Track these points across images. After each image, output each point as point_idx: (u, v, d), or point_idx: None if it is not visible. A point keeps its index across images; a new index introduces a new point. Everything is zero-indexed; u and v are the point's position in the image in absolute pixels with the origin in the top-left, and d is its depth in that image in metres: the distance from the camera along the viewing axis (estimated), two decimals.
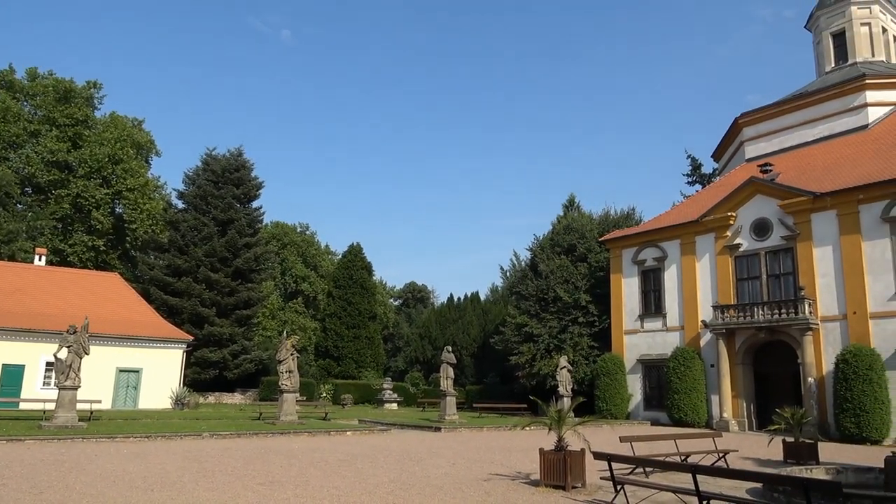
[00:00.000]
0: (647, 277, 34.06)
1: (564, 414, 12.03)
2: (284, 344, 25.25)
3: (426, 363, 51.71)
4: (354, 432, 22.53)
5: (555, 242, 40.28)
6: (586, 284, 37.27)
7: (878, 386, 23.93)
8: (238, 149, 48.66)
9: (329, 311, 52.36)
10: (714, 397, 29.62)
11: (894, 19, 37.95)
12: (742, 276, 30.06)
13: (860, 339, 25.30)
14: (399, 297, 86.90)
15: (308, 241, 69.17)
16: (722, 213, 30.61)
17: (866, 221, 26.07)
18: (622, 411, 32.71)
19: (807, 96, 34.40)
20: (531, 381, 36.69)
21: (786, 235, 28.49)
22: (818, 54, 39.03)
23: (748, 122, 36.60)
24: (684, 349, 30.73)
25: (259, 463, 13.96)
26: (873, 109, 31.84)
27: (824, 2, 38.60)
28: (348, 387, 45.45)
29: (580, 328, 36.54)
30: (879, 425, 23.70)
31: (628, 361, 33.74)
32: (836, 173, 28.94)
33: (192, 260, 43.61)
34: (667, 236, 33.24)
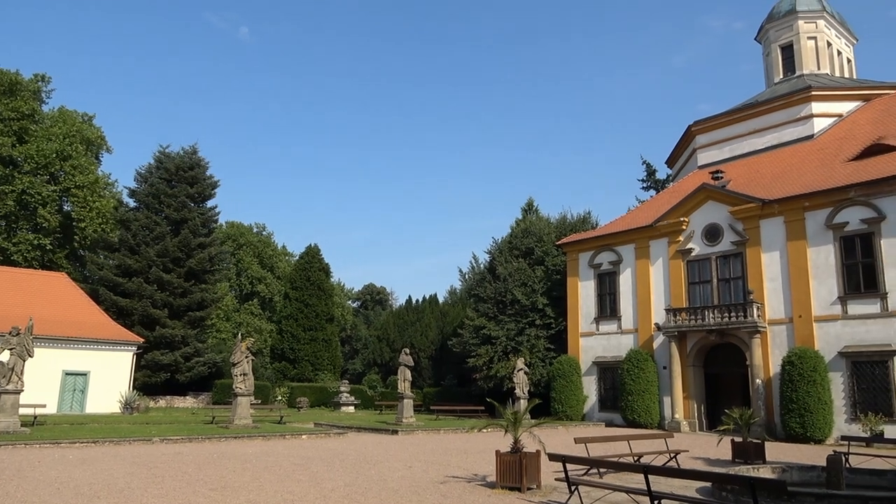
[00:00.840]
0: (602, 281, 34.61)
1: (520, 416, 12.11)
2: (239, 346, 24.80)
3: (384, 366, 51.47)
4: (310, 436, 22.27)
5: (513, 245, 40.61)
6: (543, 287, 37.66)
7: (822, 387, 24.80)
8: (193, 147, 47.69)
9: (285, 313, 51.68)
10: (666, 398, 30.25)
11: (838, 34, 39.46)
12: (694, 280, 30.81)
13: (805, 342, 26.18)
14: (357, 299, 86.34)
15: (265, 242, 68.16)
16: (675, 218, 31.32)
17: (811, 228, 27.02)
18: (578, 413, 33.14)
19: (756, 106, 35.48)
20: (488, 383, 36.87)
21: (736, 241, 29.32)
22: (767, 66, 40.29)
23: (701, 130, 37.55)
24: (638, 351, 31.32)
25: (211, 468, 13.68)
26: (818, 120, 33.02)
27: (773, 15, 39.89)
28: (304, 390, 44.93)
29: (537, 330, 36.90)
30: (822, 425, 24.55)
31: (584, 363, 34.22)
32: (783, 181, 29.91)
33: (144, 260, 42.52)
34: (622, 240, 33.84)
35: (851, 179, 26.33)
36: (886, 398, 24.07)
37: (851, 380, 25.04)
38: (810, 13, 38.36)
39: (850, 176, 26.79)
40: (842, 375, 25.25)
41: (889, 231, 24.86)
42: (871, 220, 25.34)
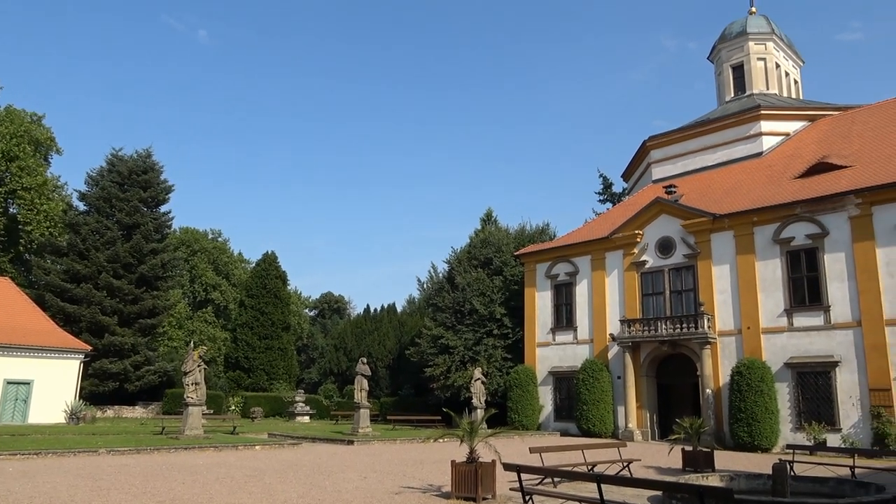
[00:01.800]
0: (559, 291, 35.03)
1: (476, 426, 12.16)
2: (191, 355, 24.27)
3: (341, 375, 50.99)
4: (263, 446, 21.89)
5: (472, 255, 40.80)
6: (501, 297, 37.92)
7: (769, 397, 25.55)
8: (147, 150, 46.66)
9: (241, 321, 50.78)
10: (620, 408, 30.73)
11: (787, 56, 40.99)
12: (647, 292, 31.44)
13: (753, 353, 26.95)
14: (315, 308, 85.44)
15: (220, 249, 66.95)
16: (630, 231, 31.96)
17: (760, 242, 27.90)
18: (533, 422, 33.38)
19: (708, 124, 36.53)
20: (446, 393, 36.87)
21: (688, 254, 30.06)
22: (719, 84, 41.56)
23: (655, 146, 38.45)
24: (593, 361, 31.76)
25: (159, 480, 13.33)
26: (767, 138, 34.17)
27: (725, 36, 41.21)
28: (259, 399, 44.18)
29: (495, 340, 37.10)
30: (769, 434, 25.27)
31: (540, 373, 34.53)
32: (733, 197, 30.83)
33: (93, 265, 41.30)
34: (579, 252, 34.35)
35: (797, 196, 27.31)
36: (829, 408, 24.94)
37: (796, 390, 25.87)
38: (760, 35, 39.76)
39: (797, 193, 27.78)
40: (787, 386, 26.07)
41: (832, 246, 25.85)
42: (815, 235, 26.31)
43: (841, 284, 25.41)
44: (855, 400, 24.37)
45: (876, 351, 24.01)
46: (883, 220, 24.70)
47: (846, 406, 24.56)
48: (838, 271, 25.54)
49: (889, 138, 29.03)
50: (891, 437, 22.83)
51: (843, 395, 24.66)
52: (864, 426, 23.92)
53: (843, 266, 25.47)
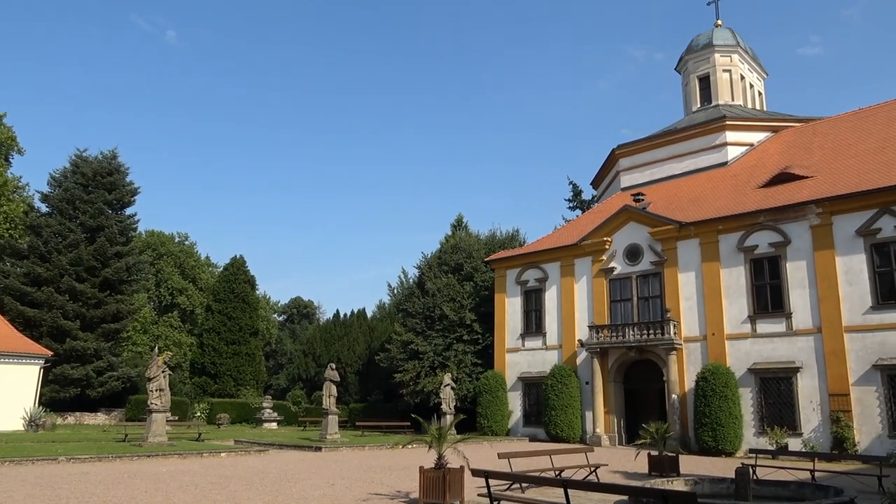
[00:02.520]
0: (529, 297, 35.25)
1: (445, 431, 12.16)
2: (155, 360, 23.81)
3: (309, 381, 50.49)
4: (229, 453, 21.57)
5: (442, 261, 40.84)
6: (472, 303, 38.01)
7: (733, 402, 26.02)
8: (112, 151, 45.72)
9: (207, 326, 49.99)
10: (588, 413, 30.99)
11: (751, 69, 41.95)
12: (616, 298, 31.82)
13: (718, 359, 27.44)
14: (283, 313, 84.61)
15: (187, 252, 65.91)
16: (598, 238, 32.33)
17: (724, 250, 28.46)
18: (503, 428, 33.47)
19: (675, 133, 37.18)
20: (415, 399, 36.79)
21: (655, 261, 30.51)
22: (686, 95, 42.34)
23: (624, 154, 38.98)
24: (562, 367, 32.00)
25: (121, 488, 13.05)
26: (732, 148, 34.88)
27: (692, 47, 42.02)
28: (225, 405, 43.52)
29: (465, 346, 37.16)
30: (733, 438, 25.72)
31: (510, 379, 34.67)
32: (699, 205, 31.40)
33: (55, 268, 40.31)
34: (548, 258, 34.62)
35: (761, 205, 27.93)
36: (791, 413, 25.49)
37: (759, 395, 26.40)
38: (726, 47, 40.64)
39: (760, 202, 28.41)
40: (751, 391, 26.58)
41: (794, 255, 26.48)
42: (777, 244, 26.93)
43: (802, 292, 26.04)
44: (815, 405, 24.96)
45: (835, 357, 24.64)
46: (842, 229, 25.39)
47: (807, 411, 25.13)
48: (800, 279, 26.17)
49: (848, 150, 29.88)
50: (849, 441, 23.43)
51: (804, 400, 25.23)
52: (824, 430, 24.50)
53: (804, 274, 26.11)
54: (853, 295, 24.78)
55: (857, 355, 24.27)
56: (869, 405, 23.74)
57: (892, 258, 24.29)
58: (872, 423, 23.56)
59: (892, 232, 24.27)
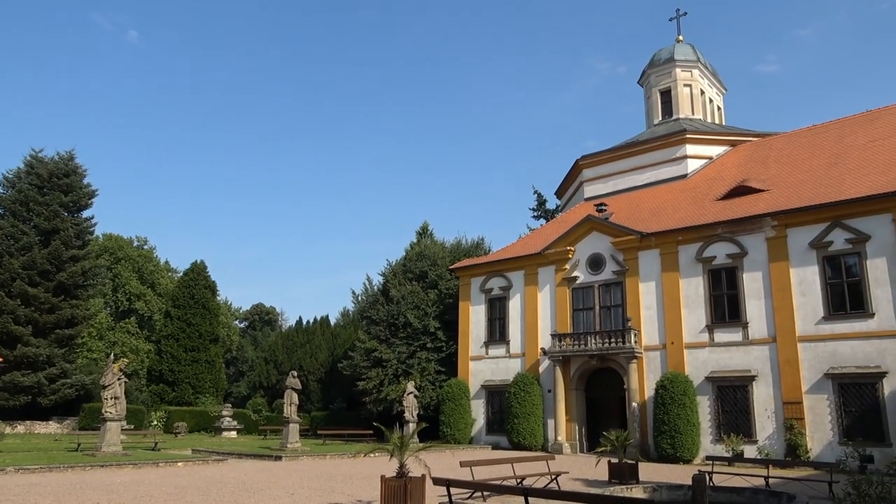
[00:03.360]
0: (493, 305, 35.41)
1: (407, 440, 12.12)
2: (111, 367, 23.21)
3: (271, 388, 49.77)
4: (187, 463, 21.11)
5: (407, 268, 40.76)
6: (436, 311, 38.00)
7: (691, 410, 26.51)
8: (69, 152, 44.54)
9: (166, 333, 48.91)
10: (550, 421, 31.21)
11: (711, 84, 43.03)
12: (578, 307, 32.18)
13: (676, 367, 27.95)
14: (245, 319, 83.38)
15: (146, 257, 64.43)
16: (562, 247, 32.69)
17: (683, 261, 29.04)
18: (465, 436, 33.49)
19: (637, 145, 37.87)
20: (378, 407, 36.57)
21: (617, 270, 30.97)
22: (648, 108, 43.19)
23: (587, 165, 39.54)
24: (525, 375, 32.19)
25: (72, 500, 12.66)
26: (692, 161, 35.68)
27: (654, 62, 42.92)
28: (183, 414, 42.60)
29: (428, 354, 37.10)
30: (691, 446, 26.19)
31: (473, 387, 34.73)
32: (660, 216, 32.01)
33: (6, 272, 39.01)
34: (512, 267, 34.85)
35: (719, 217, 28.61)
36: (746, 420, 26.08)
37: (717, 403, 26.96)
38: (687, 62, 41.61)
39: (718, 214, 29.10)
40: (708, 399, 27.12)
41: (750, 266, 27.17)
42: (734, 255, 27.60)
43: (758, 302, 26.71)
44: (770, 412, 25.58)
45: (789, 366, 25.31)
46: (796, 241, 26.16)
47: (762, 418, 25.74)
48: (756, 290, 26.85)
49: (802, 165, 30.82)
50: (802, 447, 24.07)
51: (760, 407, 25.85)
52: (779, 438, 25.12)
53: (759, 285, 26.80)
54: (806, 305, 25.52)
55: (809, 364, 24.98)
56: (821, 413, 24.43)
57: (843, 270, 25.12)
58: (824, 431, 24.25)
59: (843, 245, 25.10)
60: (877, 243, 24.39)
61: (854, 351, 24.15)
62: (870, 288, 24.29)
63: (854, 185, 26.45)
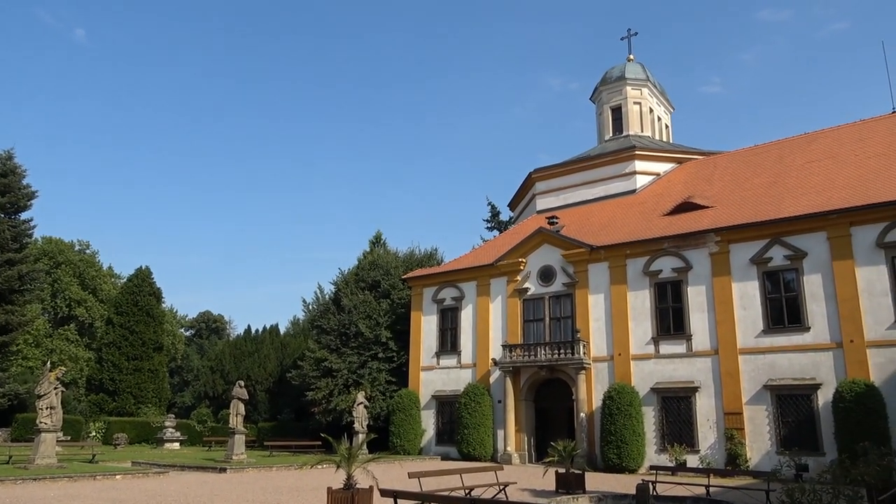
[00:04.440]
0: (445, 316, 35.47)
1: (355, 451, 12.03)
2: (47, 376, 22.31)
3: (216, 399, 48.62)
4: (125, 475, 20.43)
5: (359, 278, 40.50)
6: (388, 320, 37.83)
7: (636, 420, 27.04)
8: (8, 152, 42.80)
9: (107, 340, 47.33)
10: (500, 432, 31.37)
11: (659, 102, 44.28)
12: (529, 318, 32.52)
13: (623, 378, 28.49)
14: (191, 327, 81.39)
15: (87, 262, 62.29)
16: (514, 258, 33.03)
17: (631, 274, 29.70)
18: (415, 447, 33.35)
19: (589, 160, 38.63)
20: (327, 417, 36.13)
21: (567, 282, 31.45)
22: (599, 124, 44.14)
23: (540, 178, 40.11)
24: (475, 385, 32.30)
25: None
26: (640, 177, 36.58)
27: (606, 79, 43.93)
28: (123, 425, 41.23)
29: (379, 363, 36.88)
30: (636, 456, 26.68)
31: (424, 397, 34.66)
32: (609, 230, 32.68)
33: None
34: (465, 277, 35.01)
35: (665, 232, 29.38)
36: (689, 430, 26.74)
37: (661, 413, 27.57)
38: (637, 81, 42.73)
39: (665, 229, 29.88)
40: (653, 409, 27.72)
41: (694, 280, 27.98)
42: (680, 269, 28.38)
43: (702, 315, 27.50)
44: (712, 423, 26.30)
45: (730, 377, 26.10)
46: (738, 257, 27.08)
47: (704, 429, 26.44)
48: (699, 303, 27.64)
49: (745, 183, 31.95)
50: (741, 457, 24.81)
51: (702, 418, 26.55)
52: (720, 447, 25.84)
53: (703, 298, 27.60)
54: (747, 319, 26.40)
55: (749, 376, 25.81)
56: (759, 423, 25.25)
57: (782, 285, 26.11)
58: (762, 440, 25.06)
59: (783, 261, 26.10)
60: (813, 260, 25.44)
61: (791, 363, 25.08)
62: (806, 303, 25.29)
63: (792, 204, 27.56)
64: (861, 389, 22.46)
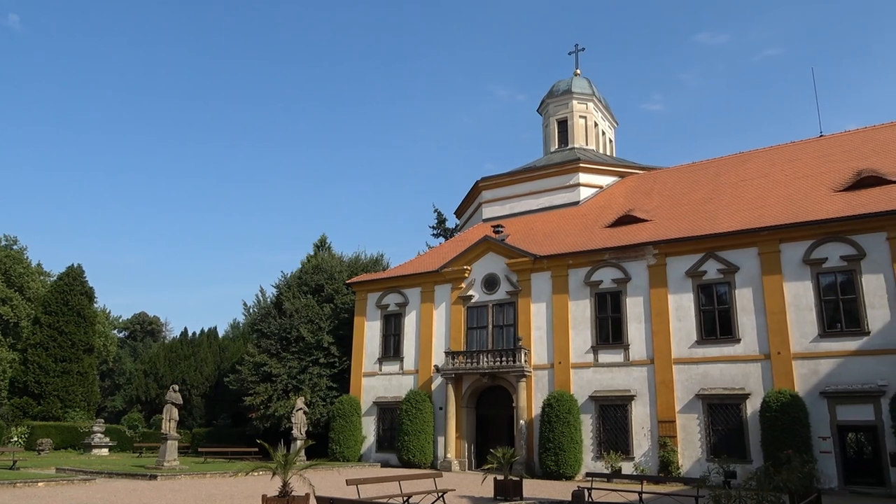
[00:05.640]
0: (388, 322, 35.34)
1: (291, 458, 11.86)
2: None
3: (149, 403, 47.08)
4: (49, 483, 19.54)
5: (303, 281, 39.97)
6: (330, 325, 37.43)
7: (574, 428, 27.53)
8: None
9: (34, 341, 45.14)
10: (441, 438, 31.42)
11: (604, 117, 45.39)
12: (472, 325, 32.74)
13: (563, 386, 28.97)
14: (125, 329, 78.57)
15: (14, 258, 59.26)
16: (459, 266, 33.21)
17: (573, 284, 30.28)
18: (355, 454, 33.05)
19: (534, 171, 39.25)
20: (265, 423, 35.46)
21: (510, 291, 31.81)
22: (546, 136, 44.91)
23: (487, 187, 40.51)
24: (417, 392, 32.27)
25: None
26: (584, 189, 37.37)
27: (553, 92, 44.77)
28: (49, 429, 39.39)
29: (320, 369, 36.43)
30: (573, 463, 27.16)
31: (365, 403, 34.41)
32: (553, 240, 33.25)
33: None
34: (410, 283, 35.00)
35: (606, 244, 30.09)
36: (625, 438, 27.39)
37: (598, 421, 28.14)
38: (583, 95, 43.71)
39: (606, 241, 30.61)
40: (591, 417, 28.27)
41: (633, 291, 28.73)
42: (619, 280, 29.10)
43: (639, 325, 28.25)
44: (647, 430, 27.00)
45: (664, 386, 26.88)
46: (674, 269, 27.96)
47: (639, 436, 27.12)
48: (637, 314, 28.39)
49: (682, 199, 33.03)
50: (674, 464, 25.55)
51: (637, 426, 27.23)
52: (653, 454, 26.54)
53: (641, 309, 28.37)
54: (681, 330, 27.27)
55: (682, 385, 26.64)
56: (691, 431, 26.07)
57: (715, 298, 27.08)
58: (694, 448, 25.88)
59: (716, 275, 27.09)
60: (744, 274, 26.50)
61: (722, 373, 26.02)
62: (737, 315, 26.30)
63: (726, 219, 28.66)
64: (786, 399, 23.52)
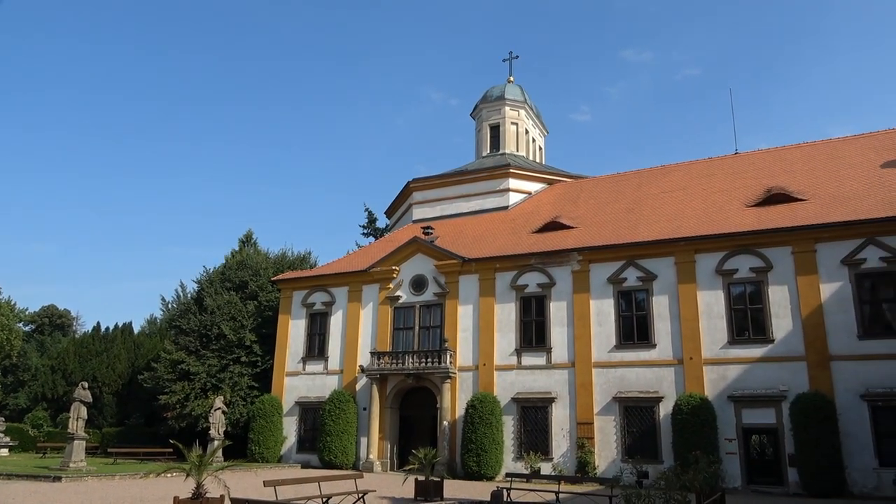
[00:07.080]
0: (314, 321, 34.86)
1: (207, 458, 11.55)
2: None
3: (56, 401, 44.60)
4: None
5: (226, 277, 38.89)
6: (253, 323, 36.57)
7: (496, 429, 27.95)
8: None
9: None
10: (363, 439, 31.24)
11: (535, 125, 46.32)
12: (399, 326, 32.72)
13: (487, 388, 29.36)
14: (32, 322, 74.16)
15: None
16: (387, 266, 33.14)
17: (499, 287, 30.75)
18: (275, 454, 32.41)
19: (465, 174, 39.63)
20: (181, 423, 34.25)
21: (438, 292, 31.99)
22: (478, 140, 45.42)
23: (418, 188, 40.59)
24: (341, 392, 31.97)
25: None
26: (513, 194, 38.00)
27: (487, 97, 45.34)
28: None
29: (242, 368, 35.52)
30: (494, 463, 27.56)
31: (287, 403, 33.80)
32: (481, 243, 33.66)
33: None
34: (337, 282, 34.64)
35: (532, 249, 30.72)
36: (545, 439, 28.01)
37: (520, 423, 28.67)
38: (515, 102, 44.46)
39: (532, 246, 31.25)
40: (513, 418, 28.76)
41: (557, 295, 29.44)
42: (544, 284, 29.76)
43: (562, 329, 28.97)
44: (566, 432, 27.71)
45: (584, 389, 27.67)
46: (597, 275, 28.84)
47: (558, 437, 27.80)
48: (560, 318, 29.11)
49: (606, 207, 34.10)
50: (591, 464, 26.34)
51: (557, 427, 27.91)
52: (571, 455, 27.26)
53: (564, 313, 29.10)
54: (602, 334, 28.14)
55: (601, 388, 27.50)
56: (608, 433, 26.94)
57: (634, 304, 28.10)
58: (610, 449, 26.74)
59: (635, 282, 28.11)
60: (662, 282, 27.62)
61: (638, 377, 27.02)
62: (654, 321, 27.38)
63: (647, 229, 29.79)
64: (697, 403, 24.67)
